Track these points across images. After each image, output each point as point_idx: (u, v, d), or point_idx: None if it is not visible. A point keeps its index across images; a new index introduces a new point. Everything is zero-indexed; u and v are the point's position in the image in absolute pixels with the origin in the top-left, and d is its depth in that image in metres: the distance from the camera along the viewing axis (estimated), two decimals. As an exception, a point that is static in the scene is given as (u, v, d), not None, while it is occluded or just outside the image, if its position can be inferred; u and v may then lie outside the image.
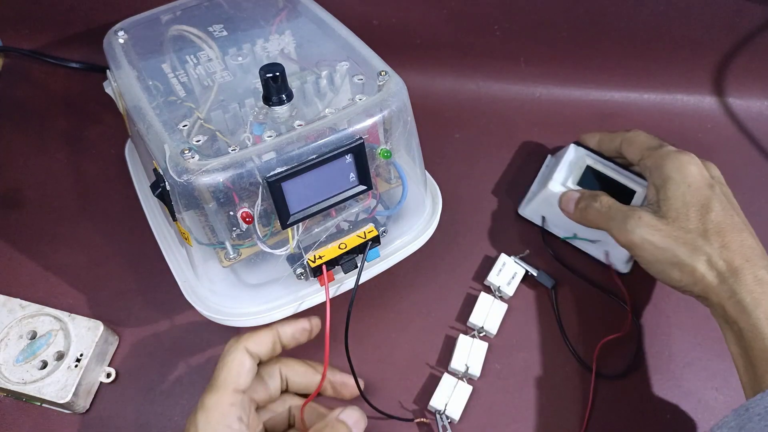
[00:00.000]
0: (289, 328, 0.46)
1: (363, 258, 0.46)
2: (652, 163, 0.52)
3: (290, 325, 0.46)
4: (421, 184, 0.51)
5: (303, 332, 0.46)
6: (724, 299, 0.45)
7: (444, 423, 0.51)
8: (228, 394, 0.41)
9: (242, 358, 0.43)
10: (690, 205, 0.48)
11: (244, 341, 0.43)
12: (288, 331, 0.45)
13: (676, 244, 0.47)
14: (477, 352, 0.54)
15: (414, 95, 0.45)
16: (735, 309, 0.44)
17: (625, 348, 0.56)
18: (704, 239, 0.47)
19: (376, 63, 0.47)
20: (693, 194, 0.49)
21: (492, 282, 0.58)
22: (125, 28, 0.52)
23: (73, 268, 0.58)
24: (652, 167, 0.52)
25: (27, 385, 0.50)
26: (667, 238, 0.47)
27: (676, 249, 0.47)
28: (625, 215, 0.50)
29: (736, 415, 0.41)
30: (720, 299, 0.45)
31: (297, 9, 0.54)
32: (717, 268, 0.46)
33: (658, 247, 0.48)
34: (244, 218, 0.41)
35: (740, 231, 0.47)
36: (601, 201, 0.53)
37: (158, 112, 0.43)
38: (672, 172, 0.50)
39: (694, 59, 0.71)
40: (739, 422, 0.40)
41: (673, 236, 0.47)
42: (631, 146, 0.56)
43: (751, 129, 0.71)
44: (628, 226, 0.49)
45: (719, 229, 0.47)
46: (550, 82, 0.73)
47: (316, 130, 0.41)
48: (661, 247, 0.48)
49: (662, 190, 0.50)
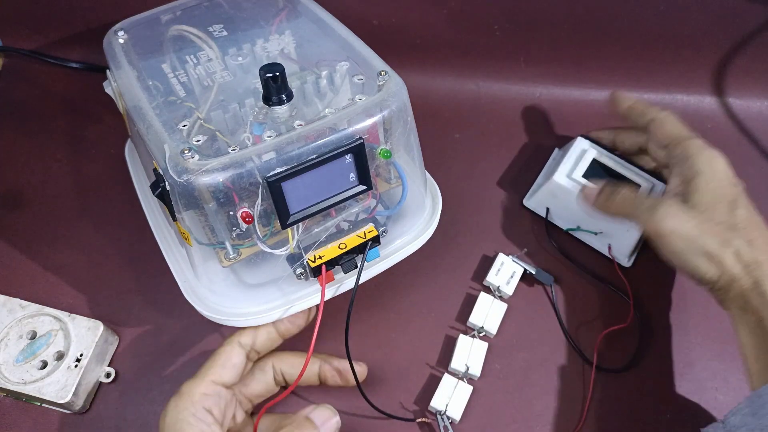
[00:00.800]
0: (281, 320, 0.47)
1: (363, 258, 0.46)
2: (682, 152, 0.52)
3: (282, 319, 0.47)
4: (421, 184, 0.51)
5: (294, 323, 0.47)
6: (748, 290, 0.46)
7: (445, 423, 0.51)
8: (204, 383, 0.42)
9: (230, 351, 0.43)
10: (719, 200, 0.49)
11: (238, 335, 0.45)
12: (280, 323, 0.47)
13: (707, 234, 0.48)
14: (477, 352, 0.54)
15: (414, 95, 0.45)
16: (758, 299, 0.45)
17: (626, 343, 0.56)
18: (733, 232, 0.47)
19: (376, 63, 0.47)
20: (723, 189, 0.49)
21: (491, 282, 0.58)
22: (125, 28, 0.52)
23: (73, 268, 0.58)
24: (681, 156, 0.52)
25: (27, 385, 0.50)
26: (697, 228, 0.48)
27: (707, 239, 0.47)
28: (653, 204, 0.50)
29: (750, 402, 0.42)
30: (743, 290, 0.46)
31: (297, 9, 0.54)
32: (743, 260, 0.46)
33: (688, 236, 0.48)
34: (244, 218, 0.41)
35: (764, 229, 0.48)
36: (626, 189, 0.54)
37: (158, 112, 0.43)
38: (703, 166, 0.50)
39: (694, 59, 0.71)
40: (753, 408, 0.42)
41: (704, 227, 0.48)
42: (662, 128, 0.55)
43: (751, 129, 0.71)
44: (657, 216, 0.49)
45: (746, 225, 0.48)
46: (550, 82, 0.73)
47: (316, 130, 0.41)
48: (690, 237, 0.48)
49: (692, 182, 0.50)
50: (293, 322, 0.47)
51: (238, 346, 0.44)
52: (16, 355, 0.51)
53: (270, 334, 0.46)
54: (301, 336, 0.55)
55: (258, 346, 0.45)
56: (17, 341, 0.52)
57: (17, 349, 0.52)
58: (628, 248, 0.60)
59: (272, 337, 0.47)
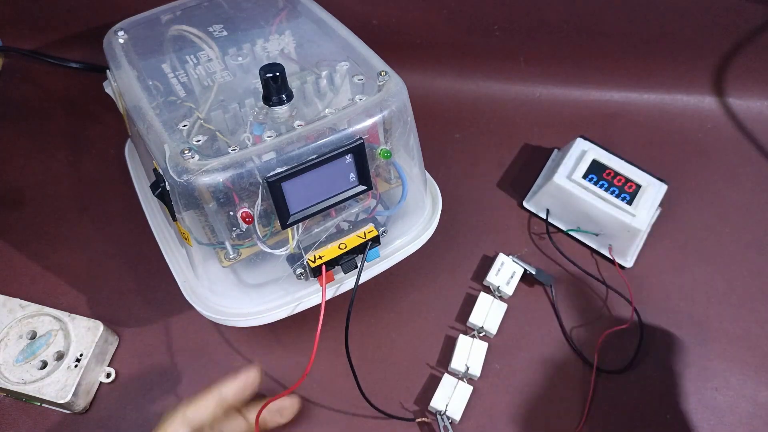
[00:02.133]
0: (230, 387, 0.43)
1: (363, 258, 0.46)
2: None
3: (231, 383, 0.44)
4: (421, 184, 0.51)
5: (246, 388, 0.44)
6: None
7: (445, 423, 0.51)
8: None
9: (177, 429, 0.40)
10: None
11: (184, 407, 0.41)
12: (230, 390, 0.43)
13: None
14: (477, 352, 0.54)
15: (414, 95, 0.45)
16: None
17: (626, 343, 0.56)
18: None
19: (376, 63, 0.47)
20: None
21: (491, 282, 0.58)
22: (125, 28, 0.52)
23: (73, 268, 0.58)
24: None
25: (27, 385, 0.50)
26: None
27: None
28: None
29: None
30: None
31: (297, 9, 0.54)
32: None
33: None
34: (244, 218, 0.41)
35: None
36: None
37: (158, 112, 0.43)
38: None
39: (694, 59, 0.71)
40: None
41: None
42: None
43: (751, 129, 0.71)
44: None
45: None
46: (550, 82, 0.73)
47: (316, 130, 0.41)
48: None
49: None
50: (239, 395, 0.44)
51: (182, 420, 0.41)
52: (16, 355, 0.51)
53: (215, 400, 0.43)
54: (303, 336, 0.55)
55: (204, 418, 0.42)
56: (17, 341, 0.52)
57: (17, 349, 0.51)
58: (629, 249, 0.60)
59: (217, 408, 0.43)
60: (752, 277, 0.61)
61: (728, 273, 0.61)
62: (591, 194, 0.60)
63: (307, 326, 0.55)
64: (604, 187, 0.60)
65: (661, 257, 0.62)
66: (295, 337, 0.55)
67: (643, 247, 0.62)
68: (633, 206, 0.59)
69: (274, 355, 0.55)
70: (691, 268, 0.61)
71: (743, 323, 0.58)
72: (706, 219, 0.64)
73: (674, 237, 0.63)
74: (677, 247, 0.62)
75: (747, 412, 0.54)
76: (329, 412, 0.52)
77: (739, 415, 0.53)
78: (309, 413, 0.52)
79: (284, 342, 0.55)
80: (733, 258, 0.62)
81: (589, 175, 0.60)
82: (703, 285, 0.60)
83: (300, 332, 0.55)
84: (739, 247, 0.63)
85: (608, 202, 0.59)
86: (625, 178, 0.60)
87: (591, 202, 0.59)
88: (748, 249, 0.62)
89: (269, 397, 0.45)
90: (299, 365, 0.54)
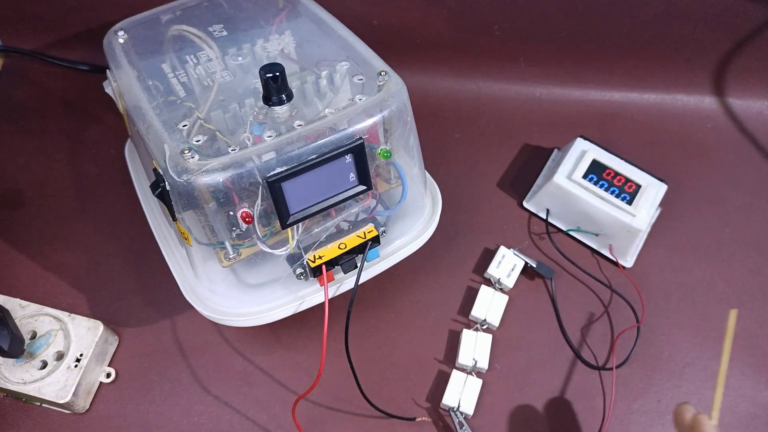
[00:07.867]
0: None
1: (363, 258, 0.46)
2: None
3: None
4: (421, 184, 0.51)
5: None
6: None
7: (460, 419, 0.51)
8: None
9: None
10: None
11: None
12: None
13: None
14: (482, 345, 0.54)
15: (414, 95, 0.45)
16: None
17: (626, 342, 0.56)
18: None
19: (376, 63, 0.47)
20: None
21: (492, 274, 0.58)
22: (125, 28, 0.52)
23: (73, 268, 0.58)
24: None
25: (27, 385, 0.50)
26: None
27: None
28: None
29: None
30: None
31: (297, 9, 0.54)
32: None
33: None
34: (244, 218, 0.41)
35: None
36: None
37: (158, 112, 0.43)
38: None
39: (694, 59, 0.71)
40: None
41: None
42: None
43: (751, 129, 0.71)
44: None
45: None
46: (550, 82, 0.73)
47: (316, 130, 0.41)
48: None
49: None
50: None
51: None
52: (16, 355, 0.51)
53: None
54: (303, 336, 0.55)
55: None
56: (17, 341, 0.52)
57: (17, 349, 0.52)
58: (629, 249, 0.60)
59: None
60: (752, 277, 0.61)
61: (728, 273, 0.61)
62: (591, 194, 0.60)
63: (307, 326, 0.56)
64: (604, 187, 0.60)
65: (661, 257, 0.62)
66: (295, 337, 0.55)
67: (642, 247, 0.62)
68: (633, 206, 0.59)
69: (274, 355, 0.55)
70: (691, 268, 0.61)
71: (743, 323, 0.58)
72: (706, 219, 0.64)
73: (674, 237, 0.63)
74: (677, 247, 0.62)
75: (747, 412, 0.54)
76: (330, 412, 0.52)
77: (739, 415, 0.53)
78: (311, 414, 0.52)
79: (284, 342, 0.55)
80: (733, 258, 0.62)
81: (589, 175, 0.60)
82: (703, 285, 0.60)
83: (300, 332, 0.55)
84: (739, 247, 0.63)
85: (608, 202, 0.59)
86: (625, 178, 0.60)
87: (591, 202, 0.59)
88: (748, 249, 0.62)
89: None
90: (299, 365, 0.54)
